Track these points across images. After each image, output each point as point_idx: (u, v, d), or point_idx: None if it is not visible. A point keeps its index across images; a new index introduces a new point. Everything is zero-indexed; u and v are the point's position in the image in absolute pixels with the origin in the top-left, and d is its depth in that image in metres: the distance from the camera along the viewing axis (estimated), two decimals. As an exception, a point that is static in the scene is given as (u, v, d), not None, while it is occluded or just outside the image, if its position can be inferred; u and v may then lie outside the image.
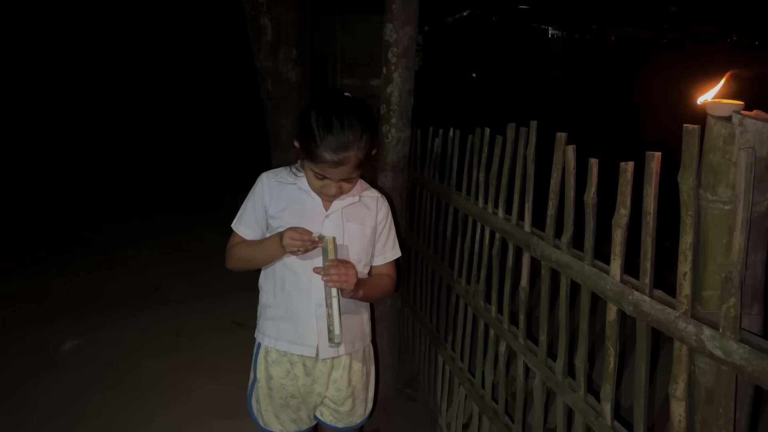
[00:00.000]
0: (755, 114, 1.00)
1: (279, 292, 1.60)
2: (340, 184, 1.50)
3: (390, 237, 1.71)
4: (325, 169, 1.45)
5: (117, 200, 7.01)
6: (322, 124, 1.44)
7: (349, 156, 1.44)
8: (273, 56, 3.44)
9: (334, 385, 1.66)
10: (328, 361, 1.63)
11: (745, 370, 0.92)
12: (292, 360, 1.62)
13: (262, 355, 1.65)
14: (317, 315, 1.56)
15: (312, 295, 1.55)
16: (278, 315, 1.61)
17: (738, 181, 0.94)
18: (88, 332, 3.45)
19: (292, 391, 1.64)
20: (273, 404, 1.66)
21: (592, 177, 1.33)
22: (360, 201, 1.62)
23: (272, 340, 1.62)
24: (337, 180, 1.48)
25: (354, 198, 1.60)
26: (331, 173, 1.46)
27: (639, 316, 1.17)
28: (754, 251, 1.02)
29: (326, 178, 1.48)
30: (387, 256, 1.71)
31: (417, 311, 2.79)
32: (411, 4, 2.40)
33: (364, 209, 1.63)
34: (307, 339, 1.59)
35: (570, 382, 1.48)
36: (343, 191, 1.53)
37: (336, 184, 1.49)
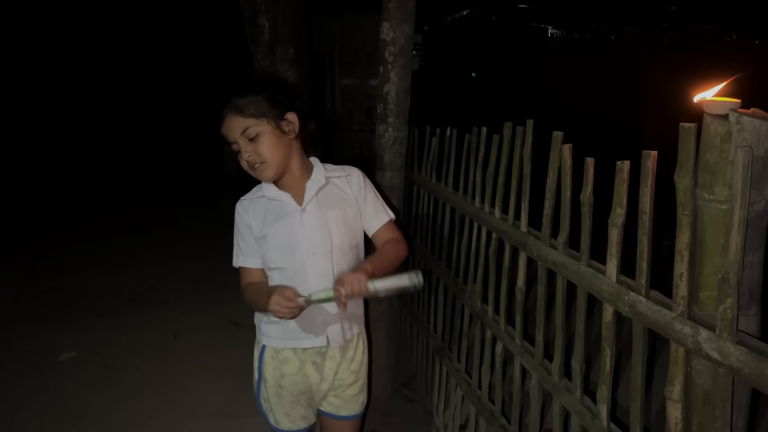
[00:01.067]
0: (752, 112, 0.99)
1: None
2: (249, 146, 1.49)
3: (375, 203, 1.67)
4: (224, 134, 1.50)
5: (114, 199, 7.01)
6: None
7: (228, 107, 1.49)
8: (270, 56, 3.42)
9: (337, 375, 1.66)
10: (336, 356, 1.64)
11: (742, 372, 0.91)
12: (303, 358, 1.62)
13: (269, 356, 1.65)
14: (320, 310, 1.56)
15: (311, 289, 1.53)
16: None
17: (735, 180, 0.93)
18: (84, 332, 3.44)
19: (303, 388, 1.66)
20: (282, 402, 1.66)
21: (588, 176, 1.31)
22: (329, 183, 1.60)
23: (280, 341, 1.62)
24: (238, 136, 1.48)
25: (320, 181, 1.58)
26: (227, 132, 1.50)
27: (635, 317, 1.15)
28: (751, 251, 1.00)
29: (236, 145, 1.50)
30: (378, 220, 1.67)
31: (414, 311, 2.78)
32: (408, 2, 2.38)
33: (337, 190, 1.61)
34: (315, 330, 1.60)
35: (566, 383, 1.47)
36: (262, 155, 1.49)
37: (243, 145, 1.49)
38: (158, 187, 7.64)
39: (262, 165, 1.51)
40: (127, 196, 7.14)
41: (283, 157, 1.54)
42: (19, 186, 7.19)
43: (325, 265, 1.56)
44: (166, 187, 7.63)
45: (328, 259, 1.56)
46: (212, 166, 7.47)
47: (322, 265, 1.56)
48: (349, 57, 6.03)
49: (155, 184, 7.79)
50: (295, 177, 1.58)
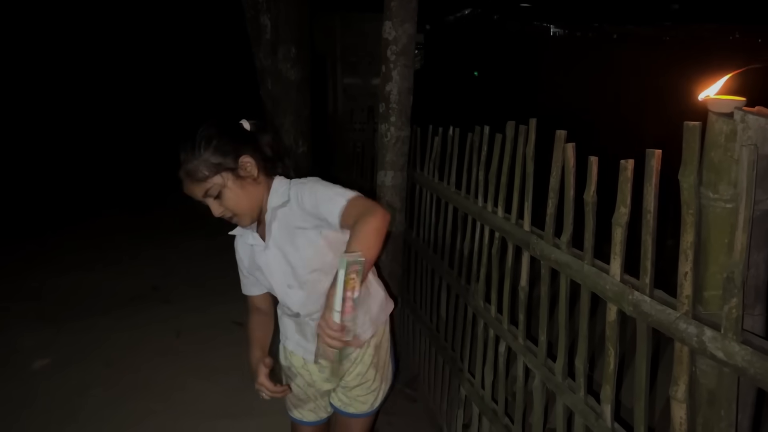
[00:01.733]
0: (757, 110, 0.98)
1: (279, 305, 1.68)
2: (214, 203, 1.45)
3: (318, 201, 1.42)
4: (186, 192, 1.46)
5: (115, 198, 7.00)
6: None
7: (183, 172, 1.43)
8: (272, 55, 3.42)
9: (344, 380, 1.67)
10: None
11: (748, 372, 0.90)
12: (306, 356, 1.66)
13: (282, 347, 1.72)
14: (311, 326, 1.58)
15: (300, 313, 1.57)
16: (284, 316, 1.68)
17: (740, 179, 0.92)
18: (85, 331, 3.44)
19: (309, 381, 1.68)
20: (293, 393, 1.70)
21: (592, 175, 1.31)
22: (278, 216, 1.49)
23: (284, 338, 1.69)
24: (202, 197, 1.44)
25: (271, 215, 1.49)
26: (189, 192, 1.45)
27: (639, 317, 1.15)
28: (756, 250, 1.00)
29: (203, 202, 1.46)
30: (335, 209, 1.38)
31: (417, 311, 2.78)
32: (410, 2, 2.38)
33: (288, 219, 1.48)
34: (307, 345, 1.63)
35: (570, 383, 1.46)
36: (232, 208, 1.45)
37: (210, 203, 1.45)
38: (159, 186, 7.64)
39: (235, 217, 1.48)
40: (128, 195, 7.14)
41: (252, 202, 1.48)
42: (20, 185, 7.20)
43: (304, 294, 1.53)
44: (167, 186, 7.62)
45: (305, 290, 1.52)
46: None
47: (302, 295, 1.53)
48: (351, 56, 6.03)
49: (156, 183, 7.78)
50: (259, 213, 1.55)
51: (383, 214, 1.34)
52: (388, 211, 1.44)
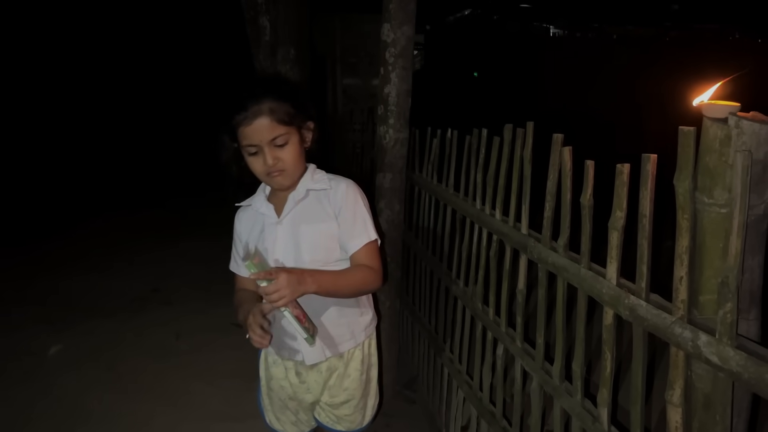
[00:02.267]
0: (752, 115, 0.99)
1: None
2: (275, 152, 1.43)
3: (355, 221, 1.52)
4: (246, 133, 1.41)
5: (116, 199, 7.01)
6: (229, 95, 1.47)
7: (259, 107, 1.40)
8: (272, 56, 3.42)
9: (329, 391, 1.64)
10: (323, 371, 1.60)
11: (742, 377, 0.90)
12: (287, 365, 1.62)
13: (263, 357, 1.68)
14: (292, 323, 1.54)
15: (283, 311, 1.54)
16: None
17: (734, 185, 0.92)
18: (86, 334, 3.44)
19: (290, 393, 1.64)
20: (273, 405, 1.68)
21: (589, 179, 1.31)
22: (308, 196, 1.53)
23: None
24: (266, 142, 1.42)
25: (300, 193, 1.52)
26: (253, 134, 1.41)
27: (635, 321, 1.15)
28: (751, 255, 1.00)
29: (257, 148, 1.43)
30: (356, 242, 1.51)
31: (416, 313, 2.78)
32: (408, 4, 2.38)
33: (315, 204, 1.53)
34: (290, 344, 1.58)
35: (567, 386, 1.46)
36: (286, 162, 1.45)
37: (269, 150, 1.42)
38: (160, 188, 7.65)
39: (283, 173, 1.46)
40: (128, 197, 7.15)
41: (301, 165, 1.53)
42: (20, 187, 7.20)
43: None
44: (167, 188, 7.63)
45: None
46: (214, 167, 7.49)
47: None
48: (351, 57, 6.03)
49: (157, 185, 7.80)
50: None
51: (376, 281, 1.53)
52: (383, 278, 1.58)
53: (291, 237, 1.51)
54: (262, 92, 1.43)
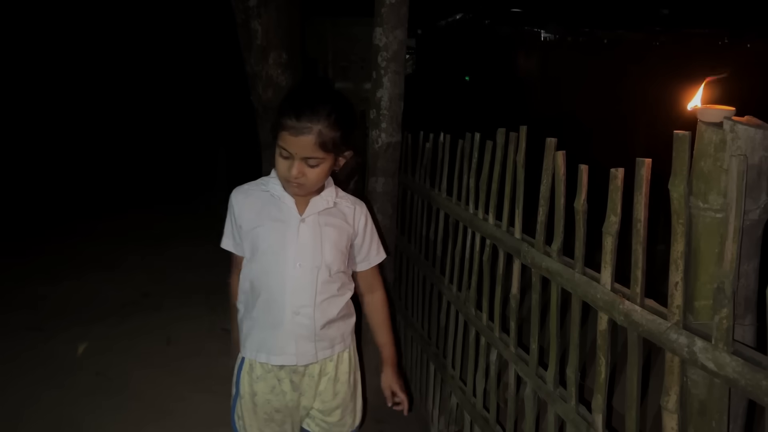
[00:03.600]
0: (747, 120, 0.98)
1: (254, 305, 1.57)
2: (303, 168, 1.44)
3: (373, 242, 1.69)
4: (287, 139, 1.42)
5: (106, 204, 6.96)
6: (293, 95, 1.50)
7: (311, 126, 1.41)
8: (263, 60, 3.41)
9: (320, 397, 1.62)
10: (315, 375, 1.59)
11: (738, 383, 0.90)
12: (280, 376, 1.58)
13: (245, 371, 1.61)
14: (294, 323, 1.53)
15: (287, 302, 1.52)
16: (256, 326, 1.58)
17: (729, 190, 0.92)
18: (75, 340, 3.40)
19: (278, 406, 1.61)
20: (257, 419, 1.62)
21: (582, 183, 1.30)
22: (335, 207, 1.59)
23: (253, 352, 1.58)
24: (300, 157, 1.43)
25: (328, 203, 1.57)
26: (293, 144, 1.42)
27: (630, 327, 1.14)
28: (746, 260, 0.99)
29: (290, 156, 1.44)
30: (371, 260, 1.70)
31: (409, 317, 2.77)
32: (400, 8, 2.37)
33: (341, 216, 1.60)
34: (286, 348, 1.55)
35: (561, 392, 1.46)
36: (308, 179, 1.46)
37: (299, 163, 1.43)
38: (151, 192, 7.61)
39: (301, 186, 1.48)
40: (119, 201, 7.10)
41: (321, 184, 1.56)
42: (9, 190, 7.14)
43: (308, 279, 1.52)
44: (159, 192, 7.59)
45: (313, 275, 1.53)
46: (206, 171, 7.46)
47: (305, 279, 1.52)
48: (343, 61, 6.03)
49: (148, 189, 7.75)
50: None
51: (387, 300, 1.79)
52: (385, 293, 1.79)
53: (314, 236, 1.53)
54: (321, 111, 1.43)
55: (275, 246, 1.52)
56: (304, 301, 1.53)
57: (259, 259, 1.53)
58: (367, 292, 1.74)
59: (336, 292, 1.59)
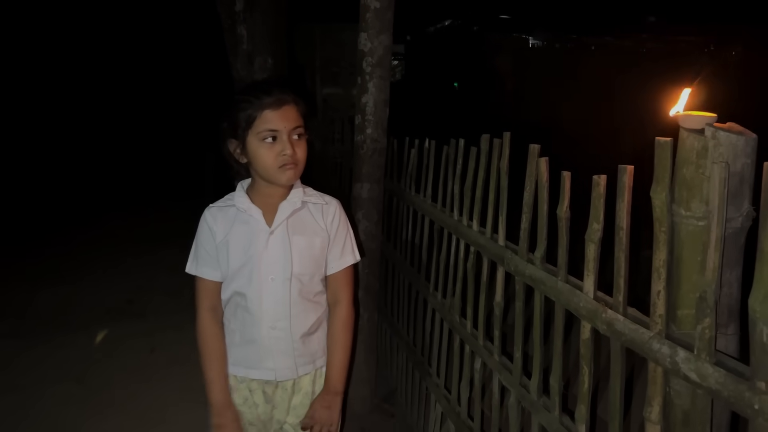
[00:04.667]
0: (729, 126, 0.97)
1: (232, 319, 1.54)
2: (293, 144, 1.44)
3: (344, 241, 1.60)
4: (270, 117, 1.41)
5: (91, 210, 6.89)
6: (246, 89, 1.49)
7: (286, 96, 1.43)
8: (249, 65, 3.38)
9: (294, 411, 1.59)
10: (288, 388, 1.57)
11: (721, 394, 0.88)
12: (251, 387, 1.56)
13: None
14: (270, 337, 1.51)
15: (263, 317, 1.50)
16: (233, 341, 1.55)
17: (711, 197, 0.90)
18: (57, 348, 3.35)
19: (251, 419, 1.58)
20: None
21: (565, 191, 1.29)
22: (304, 208, 1.55)
23: (231, 366, 1.55)
24: (288, 129, 1.43)
25: (295, 204, 1.52)
26: (279, 118, 1.42)
27: (613, 336, 1.13)
28: (729, 268, 0.98)
29: (277, 135, 1.42)
30: (339, 262, 1.60)
31: (394, 324, 2.74)
32: (386, 13, 2.36)
33: (309, 217, 1.55)
34: (264, 362, 1.53)
35: (545, 401, 1.44)
36: (299, 157, 1.46)
37: (288, 139, 1.43)
38: (138, 197, 7.54)
39: (295, 167, 1.46)
40: (105, 207, 7.03)
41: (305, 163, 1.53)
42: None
43: (282, 292, 1.50)
44: (146, 197, 7.53)
45: (286, 287, 1.50)
46: (193, 174, 7.40)
47: (279, 292, 1.50)
48: (332, 66, 6.01)
49: (135, 194, 7.69)
50: (278, 192, 1.52)
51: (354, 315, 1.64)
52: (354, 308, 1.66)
53: (283, 247, 1.49)
54: (281, 85, 1.46)
55: (247, 264, 1.49)
56: (279, 314, 1.50)
57: (233, 276, 1.50)
58: (331, 302, 1.63)
59: (311, 301, 1.56)
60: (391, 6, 2.37)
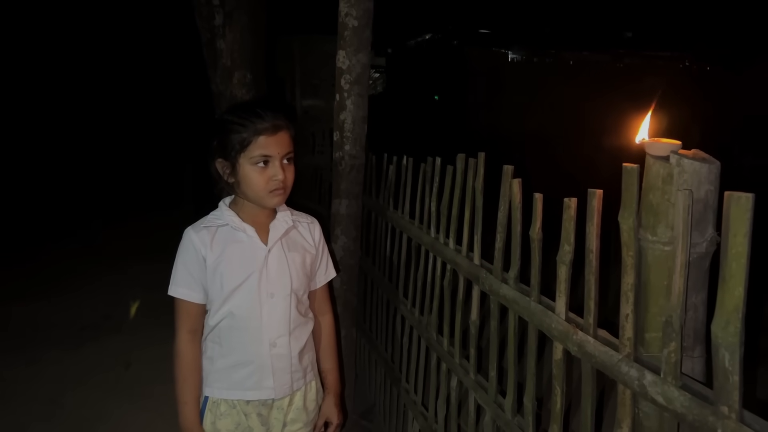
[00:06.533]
0: (693, 153, 0.99)
1: (228, 340, 1.50)
2: (284, 169, 1.45)
3: (327, 258, 1.71)
4: (265, 143, 1.42)
5: (65, 222, 6.79)
6: (239, 112, 1.46)
7: (281, 123, 1.45)
8: (228, 80, 3.38)
9: (286, 428, 1.59)
10: (284, 406, 1.57)
11: (686, 418, 0.89)
12: (246, 411, 1.53)
13: (208, 409, 1.54)
14: (272, 355, 1.51)
15: (263, 335, 1.50)
16: (228, 363, 1.51)
17: (676, 224, 0.92)
18: (30, 366, 3.29)
19: None
20: None
21: (537, 212, 1.30)
22: (294, 227, 1.60)
23: (223, 391, 1.52)
24: (281, 155, 1.44)
25: (287, 223, 1.56)
26: (273, 144, 1.42)
27: (584, 357, 1.14)
28: (694, 292, 1.00)
29: (269, 161, 1.43)
30: (324, 278, 1.71)
31: (373, 340, 2.74)
32: (363, 32, 2.38)
33: (299, 236, 1.61)
34: (263, 382, 1.52)
35: (519, 420, 1.44)
36: (288, 181, 1.47)
37: (280, 166, 1.44)
38: (115, 210, 7.46)
39: (284, 192, 1.48)
40: (81, 220, 6.94)
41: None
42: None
43: (281, 309, 1.52)
44: (123, 210, 7.45)
45: (286, 303, 1.52)
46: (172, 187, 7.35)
47: (279, 309, 1.51)
48: (313, 78, 6.02)
49: (112, 207, 7.60)
50: (265, 213, 1.53)
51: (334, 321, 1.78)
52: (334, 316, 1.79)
53: (281, 264, 1.52)
54: (276, 109, 1.47)
55: (246, 283, 1.47)
56: (280, 331, 1.51)
57: (230, 296, 1.47)
58: (318, 313, 1.72)
59: (304, 317, 1.60)
60: (369, 25, 2.39)
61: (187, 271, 1.49)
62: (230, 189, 1.52)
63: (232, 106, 1.64)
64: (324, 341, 1.73)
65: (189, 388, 1.51)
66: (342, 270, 2.52)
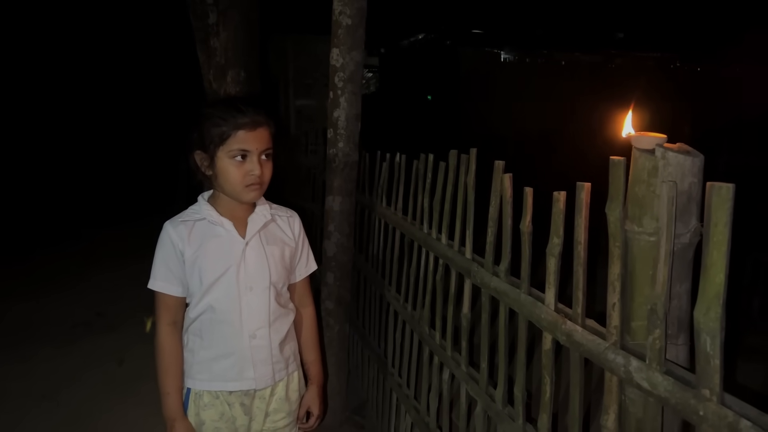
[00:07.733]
0: (678, 147, 1.02)
1: (208, 333, 1.53)
2: (261, 164, 1.47)
3: (307, 251, 1.72)
4: (244, 137, 1.44)
5: (59, 221, 6.78)
6: (219, 105, 1.49)
7: (261, 118, 1.47)
8: (221, 78, 3.39)
9: (270, 417, 1.61)
10: (266, 396, 1.59)
11: (669, 402, 0.93)
12: (230, 401, 1.55)
13: (191, 400, 1.56)
14: (252, 346, 1.53)
15: (243, 327, 1.52)
16: (210, 356, 1.53)
17: (660, 215, 0.95)
18: (24, 363, 3.30)
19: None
20: None
21: (527, 206, 1.33)
22: (273, 220, 1.61)
23: (204, 382, 1.54)
24: (259, 151, 1.46)
25: (266, 216, 1.58)
26: (252, 139, 1.44)
27: (572, 347, 1.17)
28: (678, 282, 1.03)
29: (247, 156, 1.45)
30: (304, 271, 1.71)
31: (365, 336, 2.76)
32: (357, 30, 2.40)
33: (278, 230, 1.62)
34: (245, 373, 1.54)
35: (510, 410, 1.47)
36: (265, 177, 1.49)
37: (258, 161, 1.46)
38: (108, 209, 7.45)
39: (260, 187, 1.49)
40: (74, 219, 6.93)
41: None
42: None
43: (260, 301, 1.53)
44: (116, 208, 7.44)
45: (265, 296, 1.54)
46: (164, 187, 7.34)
47: (258, 302, 1.53)
48: (306, 77, 6.04)
49: (106, 205, 7.59)
50: (243, 207, 1.55)
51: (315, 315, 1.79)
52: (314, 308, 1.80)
53: (260, 257, 1.54)
54: (256, 105, 1.48)
55: (224, 276, 1.49)
56: (260, 323, 1.53)
57: (209, 289, 1.49)
58: (299, 306, 1.73)
59: (285, 308, 1.62)
60: (363, 23, 2.41)
61: (165, 265, 1.51)
62: (207, 182, 1.54)
63: (214, 100, 1.65)
64: (305, 333, 1.74)
65: (171, 379, 1.53)
66: (335, 266, 2.54)
